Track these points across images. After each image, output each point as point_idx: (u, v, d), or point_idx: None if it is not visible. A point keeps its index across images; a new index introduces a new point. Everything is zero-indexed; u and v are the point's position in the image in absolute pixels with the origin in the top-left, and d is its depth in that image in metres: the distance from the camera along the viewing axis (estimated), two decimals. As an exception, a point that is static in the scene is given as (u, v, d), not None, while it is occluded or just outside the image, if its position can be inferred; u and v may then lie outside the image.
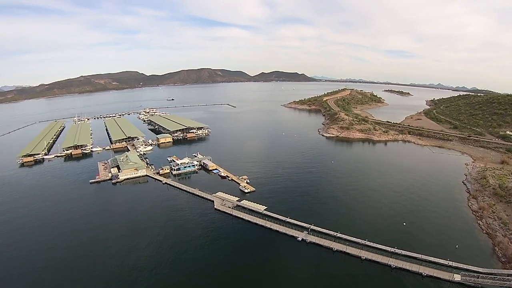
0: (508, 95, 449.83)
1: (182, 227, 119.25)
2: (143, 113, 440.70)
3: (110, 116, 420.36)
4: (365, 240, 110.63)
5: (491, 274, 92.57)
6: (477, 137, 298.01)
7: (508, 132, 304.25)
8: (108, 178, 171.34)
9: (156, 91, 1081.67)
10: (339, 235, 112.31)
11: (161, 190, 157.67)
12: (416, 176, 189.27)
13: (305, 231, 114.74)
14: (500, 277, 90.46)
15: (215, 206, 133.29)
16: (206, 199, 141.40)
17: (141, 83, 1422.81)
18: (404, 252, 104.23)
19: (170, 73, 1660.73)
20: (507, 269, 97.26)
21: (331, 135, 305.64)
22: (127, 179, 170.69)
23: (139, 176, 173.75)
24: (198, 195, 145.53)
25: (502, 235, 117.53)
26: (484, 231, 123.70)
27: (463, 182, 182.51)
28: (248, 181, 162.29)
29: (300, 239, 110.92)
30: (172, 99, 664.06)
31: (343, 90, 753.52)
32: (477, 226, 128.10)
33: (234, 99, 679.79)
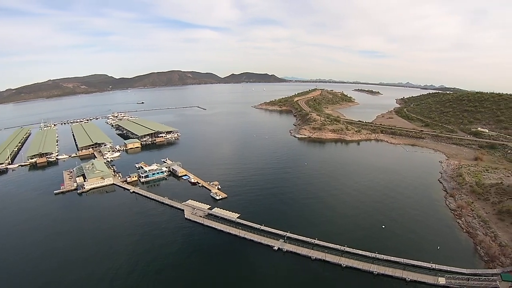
0: (477, 92, 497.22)
1: (151, 239, 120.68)
2: (112, 117, 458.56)
3: (78, 122, 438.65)
4: (345, 246, 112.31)
5: (476, 275, 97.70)
6: (449, 135, 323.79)
7: (480, 128, 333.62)
8: (73, 188, 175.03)
9: (126, 94, 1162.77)
10: (317, 242, 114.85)
11: (129, 200, 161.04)
12: (392, 175, 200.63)
13: (281, 240, 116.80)
14: (485, 277, 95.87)
15: (185, 216, 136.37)
16: (176, 208, 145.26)
17: (110, 87, 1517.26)
18: (385, 257, 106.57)
19: (140, 75, 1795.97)
20: (491, 268, 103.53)
21: (303, 136, 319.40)
22: (93, 188, 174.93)
23: (106, 185, 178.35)
24: (167, 204, 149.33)
25: (483, 233, 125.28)
26: (464, 230, 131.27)
27: (439, 180, 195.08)
28: (219, 187, 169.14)
29: (276, 248, 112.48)
30: (142, 103, 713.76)
31: (314, 90, 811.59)
32: (456, 225, 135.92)
33: (205, 102, 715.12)
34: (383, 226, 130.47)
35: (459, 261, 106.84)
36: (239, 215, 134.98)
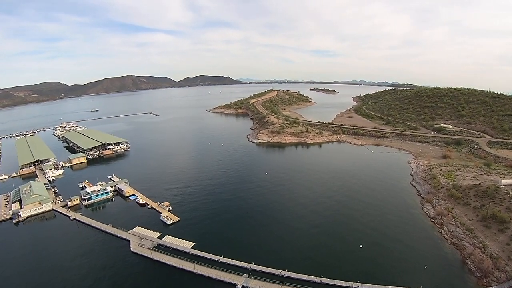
0: (435, 88, 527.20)
1: (90, 278, 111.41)
2: (59, 128, 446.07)
3: (23, 135, 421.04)
4: (320, 276, 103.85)
5: None
6: (413, 132, 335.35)
7: (443, 124, 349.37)
8: (8, 217, 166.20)
9: (79, 102, 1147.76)
10: (287, 274, 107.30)
11: (69, 229, 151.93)
12: (360, 181, 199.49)
13: (244, 274, 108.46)
14: None
15: (131, 248, 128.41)
16: (121, 238, 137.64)
17: (62, 94, 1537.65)
18: (370, 287, 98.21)
19: (93, 82, 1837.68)
20: (486, 285, 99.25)
21: (262, 141, 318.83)
22: (31, 216, 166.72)
23: (45, 212, 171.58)
24: (111, 234, 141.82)
25: (470, 244, 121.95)
26: (449, 241, 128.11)
27: (411, 183, 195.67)
28: (170, 208, 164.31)
29: (239, 286, 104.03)
30: (97, 110, 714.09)
31: (270, 91, 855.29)
32: (439, 235, 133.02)
33: (158, 107, 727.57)
34: (361, 246, 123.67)
35: (449, 279, 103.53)
36: (193, 244, 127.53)
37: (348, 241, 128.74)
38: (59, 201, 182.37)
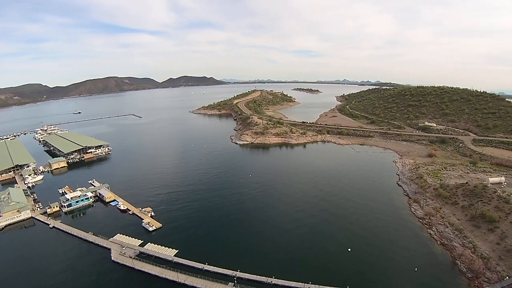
0: (418, 86, 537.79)
1: None
2: (40, 132, 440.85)
3: (3, 139, 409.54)
4: (309, 283, 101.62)
5: None
6: (398, 131, 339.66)
7: (427, 123, 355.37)
8: None
9: (61, 104, 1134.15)
10: (274, 281, 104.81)
11: (48, 237, 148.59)
12: (346, 181, 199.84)
13: (230, 283, 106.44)
14: None
15: (112, 257, 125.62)
16: (102, 246, 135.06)
17: (44, 96, 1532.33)
18: None
19: (75, 83, 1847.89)
20: (478, 287, 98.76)
21: (245, 142, 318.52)
22: (9, 224, 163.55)
23: (24, 219, 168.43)
24: (92, 242, 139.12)
25: (460, 244, 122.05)
26: (438, 242, 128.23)
27: (397, 183, 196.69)
28: (152, 213, 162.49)
29: None
30: (79, 112, 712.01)
31: (254, 91, 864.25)
32: (428, 236, 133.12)
33: (141, 108, 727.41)
34: (349, 250, 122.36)
35: (440, 281, 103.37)
36: (177, 251, 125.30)
37: (336, 244, 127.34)
38: (39, 208, 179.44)
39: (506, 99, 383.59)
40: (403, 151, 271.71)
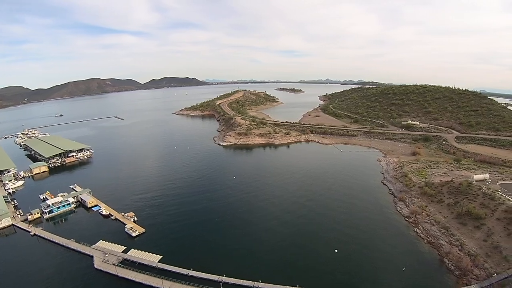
0: (401, 85, 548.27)
1: None
2: (21, 135, 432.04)
3: None
4: (296, 286, 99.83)
5: None
6: (381, 130, 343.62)
7: (410, 121, 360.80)
8: None
9: (42, 107, 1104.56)
10: (260, 285, 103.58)
11: (30, 245, 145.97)
12: (332, 181, 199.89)
13: None
14: None
15: (95, 265, 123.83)
16: (84, 253, 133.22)
17: (26, 99, 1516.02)
18: None
19: (57, 85, 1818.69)
20: (467, 284, 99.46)
21: (229, 143, 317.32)
22: None
23: (4, 227, 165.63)
24: (74, 249, 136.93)
25: (447, 242, 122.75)
26: (425, 240, 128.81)
27: (382, 182, 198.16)
28: (135, 218, 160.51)
29: None
30: (61, 115, 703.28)
31: (236, 92, 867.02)
32: (414, 235, 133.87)
33: (123, 110, 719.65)
34: (336, 251, 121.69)
35: (428, 280, 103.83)
36: (161, 257, 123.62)
37: (323, 245, 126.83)
38: (19, 215, 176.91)
39: (488, 97, 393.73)
40: (387, 149, 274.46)
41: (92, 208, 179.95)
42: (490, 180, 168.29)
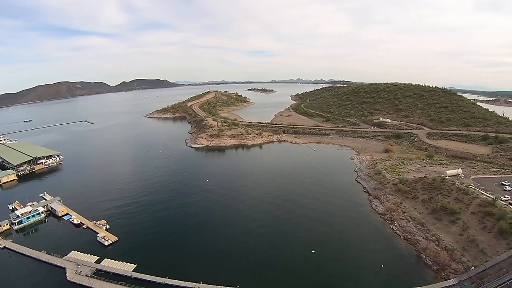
0: (372, 83, 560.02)
1: None
2: None
3: None
4: None
5: None
6: (353, 128, 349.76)
7: (382, 119, 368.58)
8: None
9: (10, 112, 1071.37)
10: None
11: (0, 259, 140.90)
12: (307, 181, 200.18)
13: None
14: None
15: (68, 277, 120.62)
16: (56, 265, 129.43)
17: None
18: None
19: (26, 89, 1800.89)
20: (445, 279, 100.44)
21: (201, 145, 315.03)
22: None
23: None
24: (45, 262, 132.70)
25: (424, 238, 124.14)
26: (401, 237, 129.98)
27: (356, 180, 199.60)
28: (108, 226, 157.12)
29: None
30: (30, 120, 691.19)
31: (208, 93, 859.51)
32: (391, 232, 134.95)
33: (94, 114, 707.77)
34: (313, 252, 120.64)
35: (407, 276, 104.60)
36: (135, 266, 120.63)
37: (299, 247, 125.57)
38: None
39: (458, 94, 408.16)
40: (360, 147, 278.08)
41: (63, 217, 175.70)
42: (463, 175, 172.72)
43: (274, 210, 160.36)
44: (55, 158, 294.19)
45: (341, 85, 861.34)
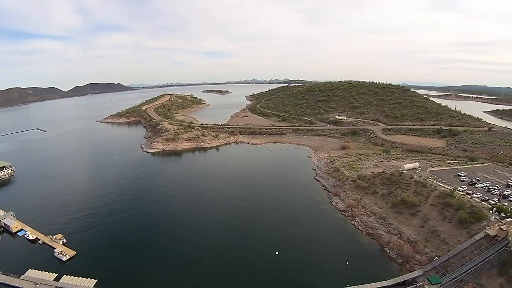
0: (327, 82, 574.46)
1: None
2: None
3: None
4: None
5: (399, 284, 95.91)
6: (309, 126, 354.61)
7: (337, 116, 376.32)
8: None
9: None
10: None
11: None
12: (264, 182, 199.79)
13: None
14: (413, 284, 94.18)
15: None
16: (14, 286, 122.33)
17: None
18: None
19: None
20: (410, 271, 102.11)
21: (157, 150, 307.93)
22: None
23: None
24: (1, 283, 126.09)
25: (386, 232, 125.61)
26: (364, 232, 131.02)
27: (315, 178, 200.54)
28: (65, 240, 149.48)
29: None
30: None
31: (163, 96, 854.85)
32: (353, 228, 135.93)
33: (46, 121, 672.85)
34: (277, 253, 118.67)
35: (373, 270, 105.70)
36: (96, 281, 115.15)
37: (262, 249, 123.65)
38: None
39: (411, 90, 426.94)
40: (317, 145, 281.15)
41: (17, 233, 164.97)
42: (420, 168, 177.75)
43: (236, 211, 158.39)
44: (6, 170, 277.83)
45: (296, 85, 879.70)
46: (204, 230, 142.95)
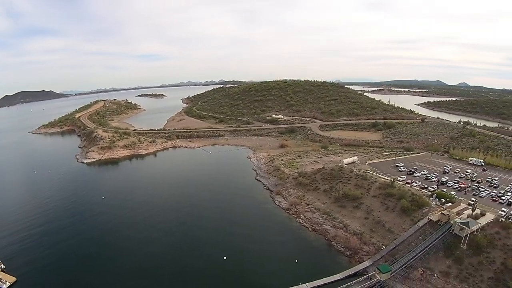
0: (262, 82, 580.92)
1: None
2: None
3: None
4: None
5: (351, 276, 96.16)
6: (247, 127, 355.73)
7: (274, 115, 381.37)
8: None
9: None
10: None
11: None
12: (204, 186, 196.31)
13: None
14: (364, 276, 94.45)
15: None
16: None
17: None
18: None
19: None
20: (360, 262, 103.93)
21: (93, 160, 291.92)
22: None
23: None
24: None
25: (331, 226, 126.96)
26: (309, 228, 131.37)
27: (256, 179, 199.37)
28: (3, 266, 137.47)
29: None
30: None
31: (96, 102, 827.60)
32: (298, 225, 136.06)
33: None
34: (225, 258, 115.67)
35: (322, 265, 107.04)
36: None
37: (209, 255, 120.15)
38: None
39: (345, 86, 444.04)
40: (255, 145, 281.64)
41: None
42: (359, 162, 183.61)
43: (181, 217, 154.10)
44: None
45: (232, 85, 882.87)
46: (150, 239, 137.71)
